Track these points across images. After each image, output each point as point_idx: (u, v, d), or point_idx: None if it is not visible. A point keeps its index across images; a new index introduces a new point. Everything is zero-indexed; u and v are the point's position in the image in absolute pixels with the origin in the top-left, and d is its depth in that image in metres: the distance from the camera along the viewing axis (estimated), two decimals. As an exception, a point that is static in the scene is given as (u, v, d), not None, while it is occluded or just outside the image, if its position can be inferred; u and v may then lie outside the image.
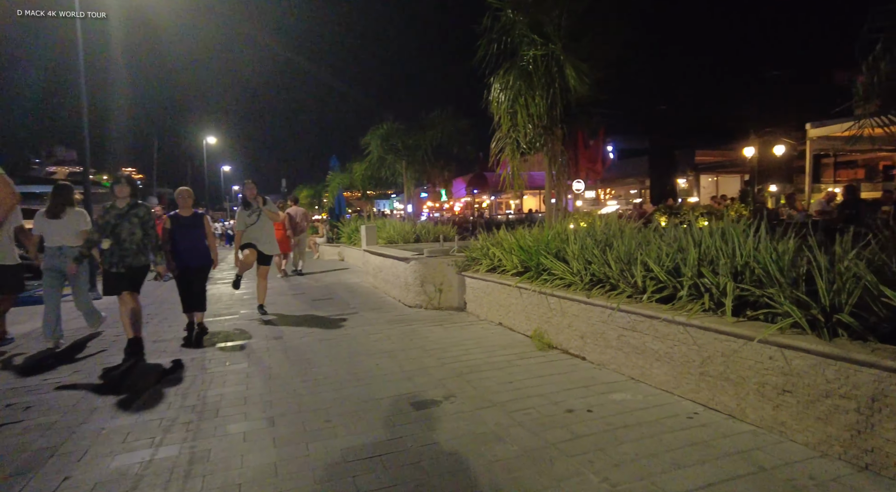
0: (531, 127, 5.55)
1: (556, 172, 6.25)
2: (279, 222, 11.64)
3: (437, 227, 11.27)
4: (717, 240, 3.57)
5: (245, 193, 6.68)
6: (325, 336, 5.55)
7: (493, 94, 5.68)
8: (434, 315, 6.46)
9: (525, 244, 5.57)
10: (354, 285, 9.78)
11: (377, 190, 16.75)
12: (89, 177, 9.50)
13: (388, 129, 11.71)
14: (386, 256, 8.38)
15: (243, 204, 6.66)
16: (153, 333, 6.00)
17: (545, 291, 4.70)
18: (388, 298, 8.06)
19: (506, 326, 5.55)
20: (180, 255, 5.60)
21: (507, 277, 5.63)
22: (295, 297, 8.61)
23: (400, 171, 12.19)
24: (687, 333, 3.19)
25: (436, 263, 6.91)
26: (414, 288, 7.08)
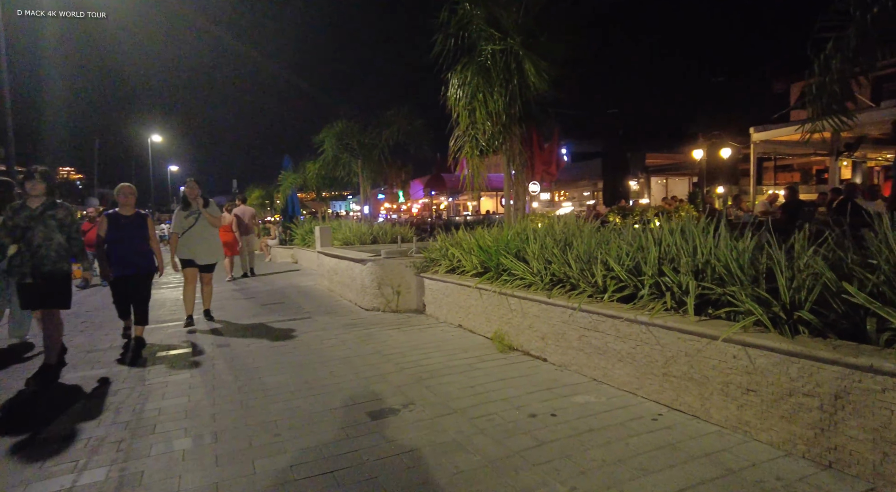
0: (490, 124, 5.45)
1: (515, 172, 6.17)
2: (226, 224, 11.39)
3: (394, 228, 11.05)
4: (678, 238, 3.55)
5: (185, 193, 6.10)
6: (276, 343, 5.26)
7: (451, 91, 5.54)
8: (392, 318, 6.26)
9: (485, 244, 5.46)
10: (308, 289, 9.44)
11: (332, 191, 16.32)
12: (16, 175, 8.72)
13: (342, 127, 11.40)
14: (341, 257, 8.11)
15: (182, 204, 6.09)
16: (87, 342, 5.54)
17: (505, 292, 4.60)
18: (344, 301, 7.79)
19: (466, 328, 5.42)
20: (118, 260, 5.00)
21: (466, 278, 5.51)
22: (244, 301, 8.20)
23: (356, 170, 11.89)
24: (650, 333, 3.15)
25: (394, 264, 6.71)
26: (371, 291, 6.85)
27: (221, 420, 3.26)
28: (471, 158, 5.75)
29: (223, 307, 7.69)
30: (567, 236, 4.66)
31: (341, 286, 8.19)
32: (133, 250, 5.07)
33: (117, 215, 5.10)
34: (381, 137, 10.96)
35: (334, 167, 12.15)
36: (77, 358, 4.92)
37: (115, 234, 5.02)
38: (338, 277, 8.39)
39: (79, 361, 4.79)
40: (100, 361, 4.76)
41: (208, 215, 6.01)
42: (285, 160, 20.27)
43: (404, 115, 10.90)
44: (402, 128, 10.89)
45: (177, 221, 6.04)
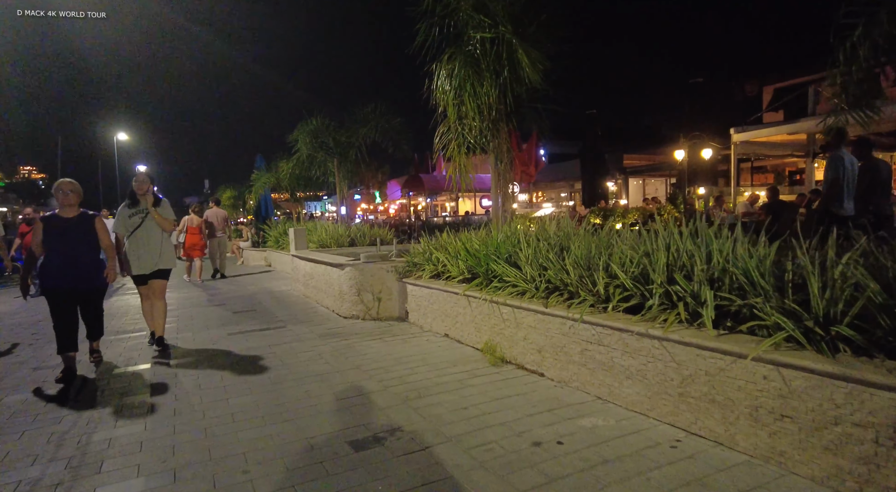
0: (478, 120, 5.10)
1: (502, 172, 5.86)
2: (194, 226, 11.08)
3: (373, 230, 10.64)
4: (688, 242, 3.27)
5: (133, 187, 5.03)
6: (247, 358, 4.82)
7: (437, 83, 5.17)
8: (373, 327, 5.87)
9: (472, 248, 5.13)
10: (282, 294, 8.96)
11: (307, 191, 15.78)
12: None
13: (318, 124, 10.91)
14: (317, 262, 7.67)
15: (129, 199, 5.04)
16: (35, 358, 5.01)
17: (497, 300, 4.27)
18: (321, 308, 7.36)
19: (453, 338, 5.07)
20: (56, 273, 4.18)
21: (453, 284, 5.16)
22: (214, 308, 7.70)
23: (332, 170, 11.42)
24: (663, 349, 2.85)
25: (374, 269, 6.32)
26: (349, 297, 6.45)
27: (182, 453, 2.84)
28: (457, 156, 5.39)
29: (190, 315, 7.18)
30: (562, 240, 4.36)
31: (317, 292, 7.75)
32: (76, 261, 4.24)
33: (55, 218, 4.31)
34: (357, 136, 10.53)
35: (309, 166, 11.65)
36: (20, 378, 4.40)
37: (53, 241, 4.21)
38: (314, 282, 7.95)
39: (21, 382, 4.28)
40: (46, 381, 4.26)
41: (158, 217, 4.96)
42: (258, 159, 19.61)
43: (382, 113, 10.49)
44: (380, 126, 10.48)
45: (120, 220, 4.98)
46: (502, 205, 6.22)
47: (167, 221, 5.06)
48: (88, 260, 4.36)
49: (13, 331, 6.56)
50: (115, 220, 5.04)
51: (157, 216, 4.99)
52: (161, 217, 5.01)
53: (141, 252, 4.95)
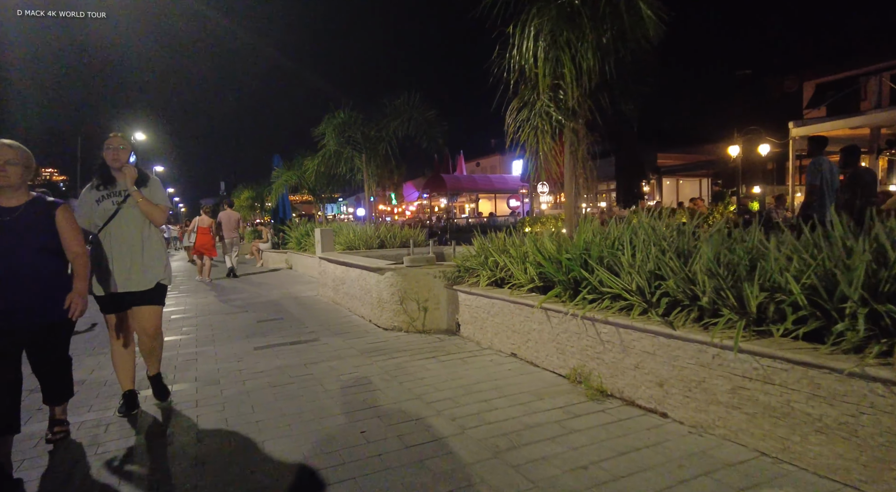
0: (574, 88, 4.21)
1: (581, 158, 5.00)
2: (205, 227, 11.22)
3: (403, 230, 9.84)
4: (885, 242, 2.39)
5: (103, 158, 3.32)
6: (279, 380, 4.02)
7: (521, 46, 4.26)
8: (420, 342, 5.05)
9: (547, 251, 4.28)
10: (309, 300, 8.19)
11: (330, 190, 15.04)
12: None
13: (345, 117, 10.16)
14: (350, 265, 6.88)
15: (98, 177, 3.36)
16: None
17: (594, 317, 3.41)
18: (355, 317, 6.56)
19: (524, 359, 4.22)
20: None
21: (522, 293, 4.32)
22: (235, 316, 6.95)
23: (359, 166, 10.65)
24: (892, 396, 1.98)
25: (419, 274, 5.51)
26: (391, 306, 5.64)
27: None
28: (541, 139, 4.53)
29: (211, 324, 6.43)
30: (681, 242, 3.48)
31: (350, 299, 6.96)
32: (16, 278, 2.63)
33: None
34: (388, 129, 9.75)
35: (336, 163, 10.91)
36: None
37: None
38: (345, 287, 7.16)
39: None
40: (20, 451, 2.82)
41: (143, 202, 3.29)
42: (275, 159, 18.99)
43: (415, 105, 9.70)
44: (413, 118, 9.69)
45: (83, 209, 3.29)
46: (576, 200, 5.37)
47: (158, 208, 3.35)
48: (39, 276, 2.71)
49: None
50: (78, 206, 3.29)
51: (143, 201, 3.27)
52: (148, 203, 3.30)
53: (114, 257, 3.21)
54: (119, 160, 3.29)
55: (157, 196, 3.42)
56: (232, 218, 12.19)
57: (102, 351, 5.09)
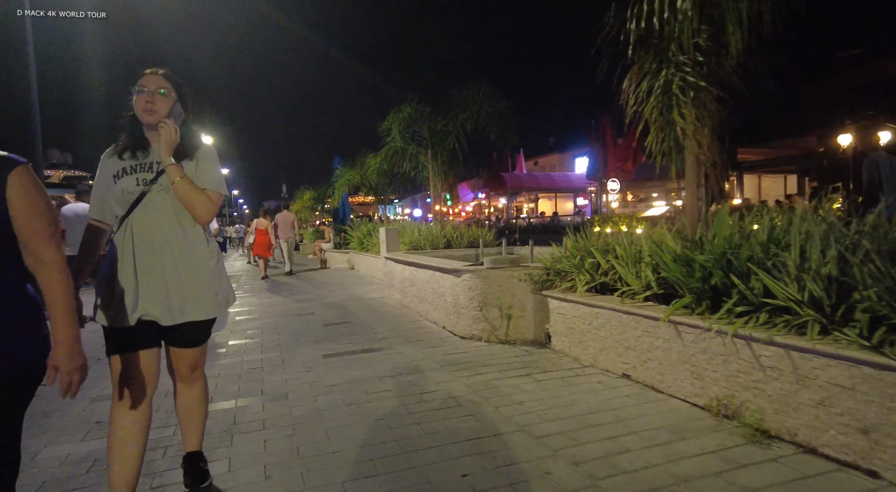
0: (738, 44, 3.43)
1: (708, 147, 4.23)
2: (263, 228, 11.73)
3: (471, 230, 9.26)
4: None
5: (134, 108, 2.08)
6: (354, 397, 3.52)
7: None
8: (506, 355, 4.43)
9: (672, 250, 3.55)
10: (375, 302, 7.76)
11: (391, 189, 14.69)
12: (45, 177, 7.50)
13: (411, 111, 9.70)
14: (421, 266, 6.36)
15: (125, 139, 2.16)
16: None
17: (750, 336, 2.68)
18: (426, 322, 6.03)
19: (641, 382, 3.52)
20: None
21: (636, 303, 3.62)
22: (300, 318, 6.59)
23: (424, 163, 10.16)
24: None
25: (502, 277, 4.89)
26: (469, 312, 5.06)
27: None
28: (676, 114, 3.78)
29: (276, 327, 6.10)
30: (879, 238, 2.69)
31: (420, 302, 6.44)
32: None
33: None
34: (456, 122, 9.19)
35: (400, 160, 10.48)
36: None
37: None
38: (415, 289, 6.66)
39: None
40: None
41: (181, 183, 2.04)
42: (335, 160, 18.94)
43: (486, 96, 9.08)
44: (483, 110, 9.08)
45: (98, 187, 2.14)
46: (703, 194, 4.59)
47: (203, 196, 2.08)
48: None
49: None
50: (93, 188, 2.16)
51: (181, 182, 2.03)
52: (189, 185, 2.05)
53: (138, 268, 2.02)
54: (155, 112, 2.01)
55: (208, 176, 2.11)
56: (288, 219, 12.76)
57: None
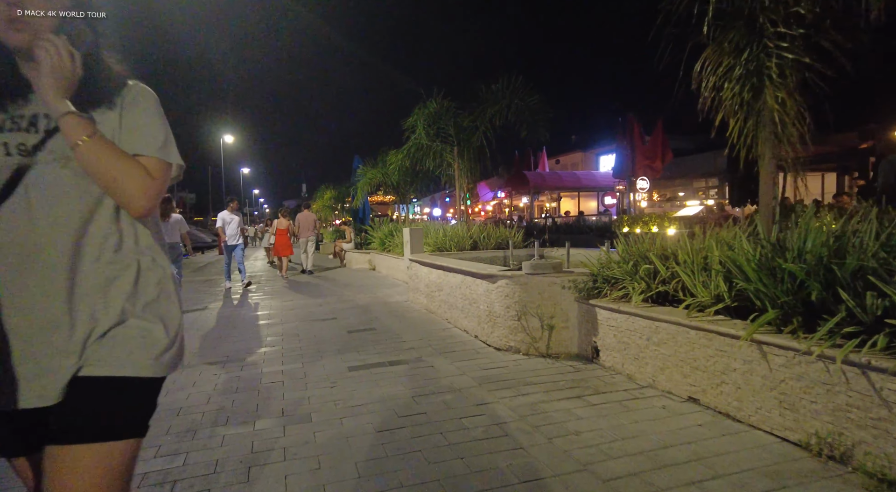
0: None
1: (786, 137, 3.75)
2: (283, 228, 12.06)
3: (499, 230, 8.82)
4: None
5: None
6: (385, 421, 3.13)
7: None
8: (549, 371, 4.00)
9: (749, 256, 3.09)
10: (400, 307, 7.38)
11: (414, 188, 14.30)
12: None
13: (437, 107, 9.29)
14: (450, 269, 5.96)
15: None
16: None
17: (875, 365, 2.21)
18: (456, 331, 5.63)
19: (713, 408, 3.06)
20: None
21: (706, 317, 3.16)
22: (322, 324, 6.24)
23: (449, 160, 9.75)
24: None
25: (542, 283, 4.46)
26: (505, 321, 4.64)
27: None
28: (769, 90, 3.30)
29: (297, 333, 5.76)
30: None
31: (449, 308, 6.04)
32: None
33: None
34: (483, 118, 8.75)
35: (423, 157, 10.08)
36: None
37: None
38: (443, 295, 6.26)
39: None
40: None
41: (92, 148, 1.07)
42: (356, 160, 18.65)
43: (515, 90, 8.62)
44: (513, 105, 8.62)
45: None
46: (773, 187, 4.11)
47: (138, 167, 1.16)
48: None
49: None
50: None
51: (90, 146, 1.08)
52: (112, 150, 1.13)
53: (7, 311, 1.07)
54: (24, 24, 1.08)
55: (142, 133, 1.23)
56: (308, 219, 12.85)
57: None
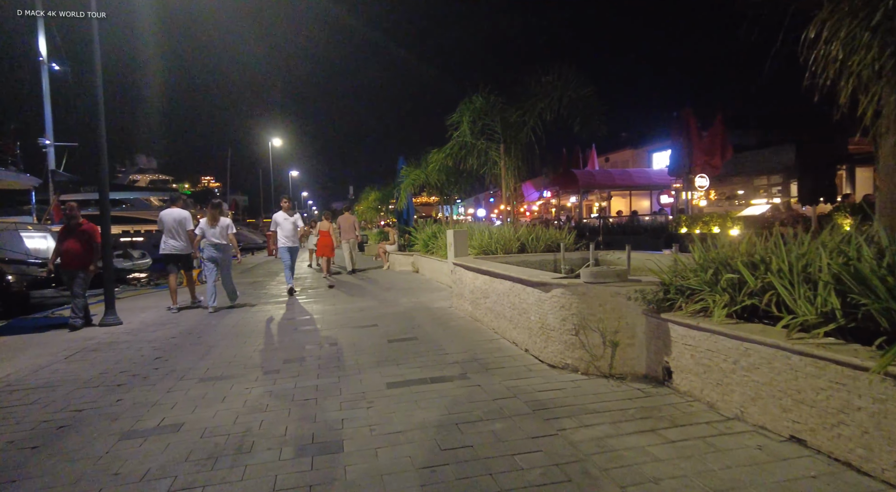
0: None
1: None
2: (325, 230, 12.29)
3: (549, 231, 8.28)
4: None
5: None
6: (427, 456, 2.71)
7: None
8: (614, 395, 3.49)
9: (870, 263, 2.50)
10: (443, 314, 6.99)
11: (457, 187, 13.88)
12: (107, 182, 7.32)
13: (482, 103, 8.83)
14: (498, 275, 5.50)
15: None
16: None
17: None
18: (505, 342, 5.17)
19: (822, 450, 2.48)
20: None
21: (815, 340, 2.58)
22: (362, 331, 5.93)
23: (495, 158, 9.25)
24: None
25: (604, 294, 3.95)
26: (560, 336, 4.15)
27: None
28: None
29: (336, 340, 5.47)
30: None
31: (496, 318, 5.58)
32: None
33: None
34: (533, 112, 8.22)
35: (466, 155, 9.63)
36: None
37: None
38: (489, 302, 5.81)
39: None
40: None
41: None
42: (400, 161, 18.44)
43: (568, 82, 8.03)
44: (565, 97, 8.04)
45: None
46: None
47: None
48: None
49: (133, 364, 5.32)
50: None
51: None
52: None
53: None
54: None
55: None
56: (349, 221, 13.39)
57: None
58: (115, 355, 5.31)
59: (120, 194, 37.20)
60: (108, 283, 7.23)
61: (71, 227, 7.04)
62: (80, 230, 6.98)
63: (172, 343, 5.79)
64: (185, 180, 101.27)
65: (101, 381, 4.42)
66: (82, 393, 4.09)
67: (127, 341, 5.97)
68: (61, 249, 6.96)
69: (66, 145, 18.94)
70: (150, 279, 13.71)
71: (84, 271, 6.92)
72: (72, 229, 7.02)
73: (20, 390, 4.21)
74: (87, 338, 6.24)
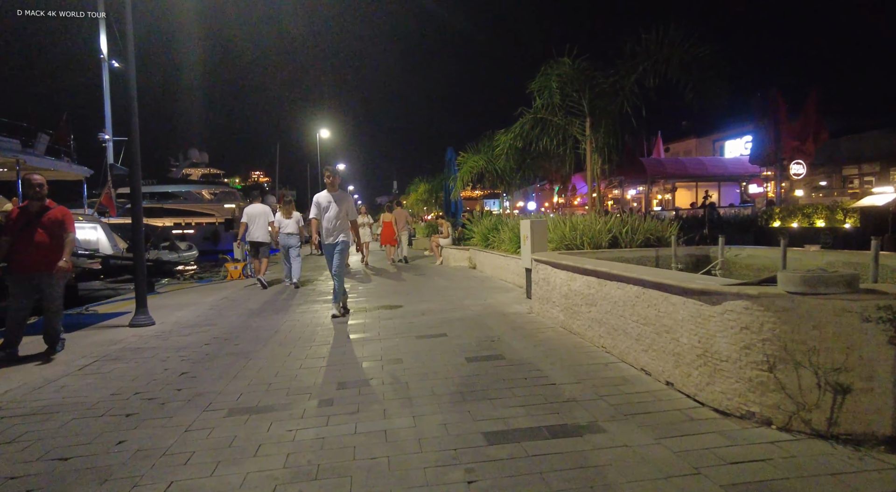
0: None
1: None
2: (388, 221, 13.62)
3: (649, 222, 6.86)
4: None
5: None
6: None
7: None
8: (853, 476, 2.14)
9: None
10: (523, 321, 5.71)
11: (521, 175, 12.58)
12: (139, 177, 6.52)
13: (567, 70, 7.38)
14: (615, 277, 4.17)
15: None
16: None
17: None
18: (627, 368, 3.85)
19: None
20: None
21: None
22: (430, 343, 4.75)
23: (578, 135, 7.78)
24: None
25: (823, 310, 2.57)
26: (739, 370, 2.80)
27: None
28: None
29: (399, 357, 4.29)
30: None
31: (609, 333, 4.26)
32: None
33: None
34: (629, 78, 6.77)
35: (540, 134, 8.28)
36: None
37: None
38: (597, 312, 4.49)
39: None
40: None
41: None
42: (448, 152, 17.30)
43: (678, 40, 6.45)
44: (673, 59, 6.51)
45: None
46: None
47: None
48: None
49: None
50: None
51: None
52: None
53: None
54: None
55: None
56: (402, 215, 14.07)
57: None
58: (135, 368, 4.35)
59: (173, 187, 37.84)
60: (140, 279, 6.37)
61: (31, 212, 4.71)
62: (46, 217, 4.73)
63: (204, 352, 4.80)
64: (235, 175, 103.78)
65: (109, 406, 3.42)
66: (80, 426, 3.09)
67: (154, 348, 5.03)
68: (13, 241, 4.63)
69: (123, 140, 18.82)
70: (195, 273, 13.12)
71: (50, 276, 4.68)
72: (32, 216, 4.69)
73: (6, 419, 3.26)
74: (112, 342, 5.37)
